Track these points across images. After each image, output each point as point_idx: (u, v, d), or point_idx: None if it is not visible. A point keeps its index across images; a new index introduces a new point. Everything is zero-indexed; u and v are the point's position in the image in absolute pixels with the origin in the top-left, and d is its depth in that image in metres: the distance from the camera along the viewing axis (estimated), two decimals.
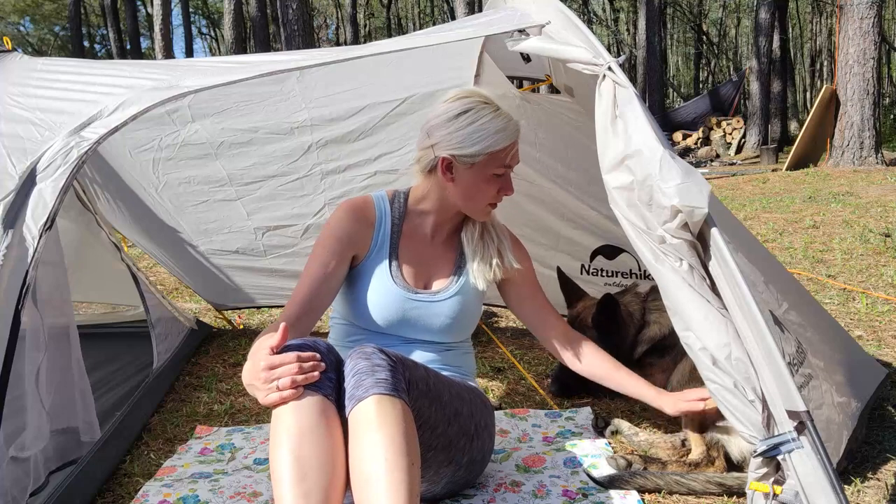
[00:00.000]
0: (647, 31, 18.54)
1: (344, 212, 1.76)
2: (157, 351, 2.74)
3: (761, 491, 1.37)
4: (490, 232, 1.87)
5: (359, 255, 1.76)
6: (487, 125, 1.64)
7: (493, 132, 1.65)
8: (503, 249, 1.85)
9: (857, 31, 9.92)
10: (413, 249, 1.80)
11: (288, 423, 1.34)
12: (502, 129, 1.66)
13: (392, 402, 1.37)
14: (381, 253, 1.76)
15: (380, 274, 1.74)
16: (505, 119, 1.67)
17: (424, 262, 1.80)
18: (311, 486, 1.30)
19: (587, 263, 3.11)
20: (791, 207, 6.94)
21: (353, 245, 1.74)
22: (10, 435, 1.60)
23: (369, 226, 1.77)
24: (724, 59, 36.92)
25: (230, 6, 14.39)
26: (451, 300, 1.78)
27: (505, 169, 1.70)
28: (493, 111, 1.66)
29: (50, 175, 1.53)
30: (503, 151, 1.67)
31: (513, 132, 1.68)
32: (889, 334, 3.04)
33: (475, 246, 1.83)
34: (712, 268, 1.44)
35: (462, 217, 1.85)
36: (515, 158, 1.72)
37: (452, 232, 1.86)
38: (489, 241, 1.85)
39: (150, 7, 21.67)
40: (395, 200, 1.83)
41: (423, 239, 1.82)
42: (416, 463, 1.35)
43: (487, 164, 1.67)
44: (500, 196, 1.76)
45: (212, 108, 2.69)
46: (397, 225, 1.80)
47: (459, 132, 1.65)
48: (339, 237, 1.72)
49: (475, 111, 1.65)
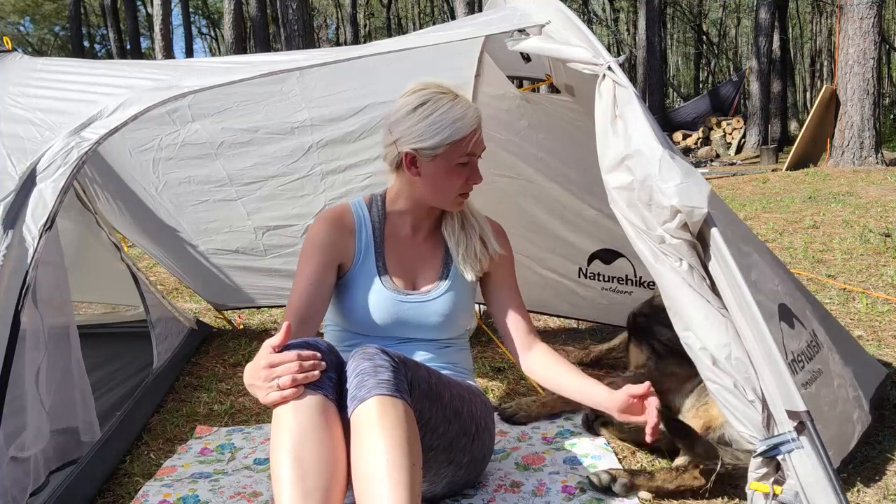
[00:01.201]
0: (647, 31, 18.53)
1: (322, 222, 1.76)
2: (157, 351, 2.74)
3: (761, 491, 1.37)
4: (470, 220, 1.84)
5: (345, 263, 1.76)
6: (445, 115, 1.62)
7: (451, 122, 1.62)
8: (486, 236, 1.84)
9: (857, 31, 9.92)
10: (398, 251, 1.79)
11: (288, 423, 1.34)
12: (461, 118, 1.63)
13: (394, 402, 1.37)
14: (367, 259, 1.76)
15: (369, 280, 1.74)
16: (463, 107, 1.64)
17: (411, 262, 1.80)
18: (311, 486, 1.30)
19: (584, 267, 3.11)
20: (791, 207, 6.94)
21: (337, 253, 1.74)
22: (10, 435, 1.60)
23: (349, 233, 1.77)
24: (724, 59, 36.93)
25: (230, 6, 14.38)
26: (442, 297, 1.77)
27: (469, 157, 1.67)
28: (450, 100, 1.64)
29: (50, 175, 1.53)
30: (464, 140, 1.64)
31: (473, 120, 1.65)
32: (889, 334, 3.04)
33: (458, 238, 1.81)
34: (712, 268, 1.44)
35: (440, 211, 1.83)
36: (479, 146, 1.69)
37: (434, 228, 1.84)
38: (471, 230, 1.83)
39: (150, 7, 21.68)
40: (372, 205, 1.82)
41: (406, 239, 1.81)
42: (417, 464, 1.35)
43: (450, 155, 1.65)
44: (469, 185, 1.72)
45: (212, 108, 2.69)
46: (378, 229, 1.79)
47: (419, 125, 1.63)
48: (320, 246, 1.72)
49: (432, 102, 1.63)
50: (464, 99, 1.67)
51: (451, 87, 1.68)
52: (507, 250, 1.89)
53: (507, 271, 1.89)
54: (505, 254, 1.87)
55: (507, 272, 1.88)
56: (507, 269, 1.89)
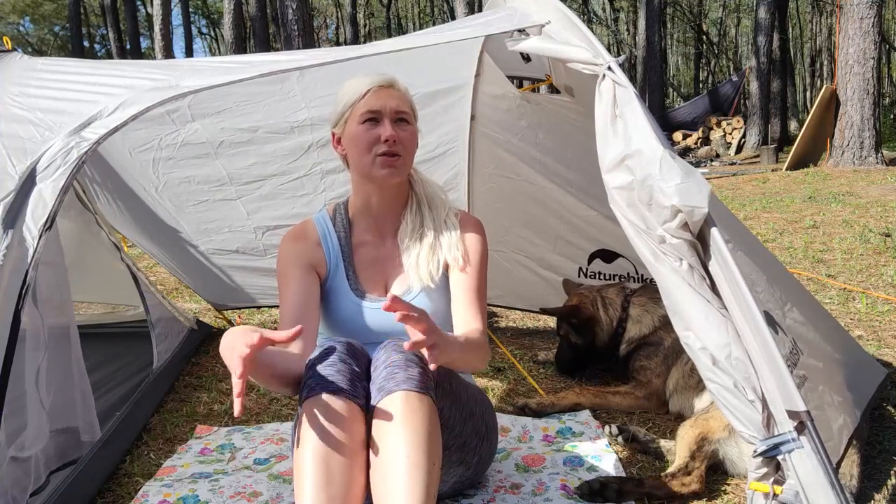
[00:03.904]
0: (647, 30, 18.53)
1: (286, 241, 1.78)
2: (157, 351, 2.74)
3: (761, 491, 1.37)
4: (427, 223, 1.76)
5: (321, 273, 1.75)
6: (345, 86, 1.70)
7: (348, 89, 1.69)
8: (439, 242, 1.75)
9: (857, 31, 9.91)
10: (368, 257, 1.78)
11: (319, 427, 1.35)
12: (356, 84, 1.68)
13: (421, 399, 1.38)
14: (338, 270, 1.76)
15: (342, 291, 1.74)
16: (362, 75, 1.70)
17: (382, 267, 1.78)
18: (334, 493, 1.31)
19: (585, 266, 3.11)
20: (791, 207, 6.94)
21: (311, 264, 1.74)
22: (10, 435, 1.60)
23: (316, 244, 1.77)
24: (724, 59, 36.91)
25: (230, 6, 14.36)
26: (416, 300, 1.71)
27: (372, 113, 1.65)
28: (352, 78, 1.70)
29: (50, 175, 1.53)
30: (361, 97, 1.66)
31: (367, 80, 1.68)
32: (889, 334, 3.04)
33: (407, 245, 1.75)
34: (712, 268, 1.44)
35: (400, 210, 1.78)
36: (380, 101, 1.66)
37: (398, 226, 1.79)
38: (422, 236, 1.75)
39: (150, 7, 21.67)
40: (336, 214, 1.82)
41: (373, 244, 1.79)
42: (437, 464, 1.37)
43: (353, 115, 1.67)
44: (387, 146, 1.65)
45: (212, 107, 2.69)
46: (344, 237, 1.78)
47: (334, 109, 1.72)
48: (293, 262, 1.73)
49: (341, 88, 1.71)
50: (371, 72, 1.71)
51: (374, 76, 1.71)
52: (476, 249, 1.77)
53: (465, 274, 1.74)
54: (467, 255, 1.75)
55: (463, 276, 1.74)
56: (468, 271, 1.74)
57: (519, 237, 3.15)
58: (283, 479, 1.93)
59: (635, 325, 2.56)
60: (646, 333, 2.53)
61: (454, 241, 1.75)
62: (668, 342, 2.43)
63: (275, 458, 2.08)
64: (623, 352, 2.58)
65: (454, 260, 1.73)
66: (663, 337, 2.46)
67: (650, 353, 2.46)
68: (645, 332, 2.53)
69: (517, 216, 3.11)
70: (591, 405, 2.37)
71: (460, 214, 1.82)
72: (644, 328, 2.54)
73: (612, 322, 2.60)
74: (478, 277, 1.75)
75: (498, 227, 3.03)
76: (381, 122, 1.66)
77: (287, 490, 1.86)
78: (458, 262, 1.73)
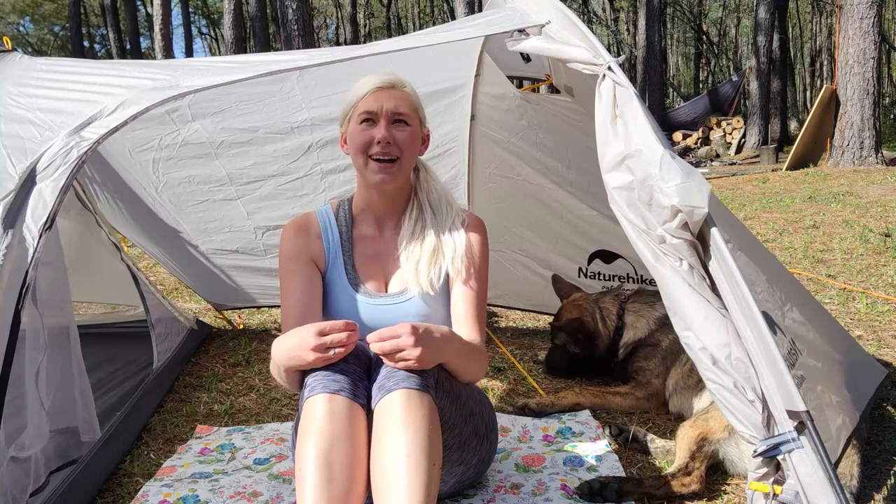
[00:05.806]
0: (647, 30, 18.52)
1: (287, 232, 1.78)
2: (157, 351, 2.74)
3: (761, 491, 1.37)
4: (427, 228, 1.75)
5: (320, 266, 1.76)
6: (352, 86, 1.72)
7: (353, 89, 1.71)
8: (442, 251, 1.73)
9: (857, 31, 9.91)
10: (368, 252, 1.78)
11: (321, 426, 1.36)
12: (361, 82, 1.71)
13: (420, 398, 1.38)
14: (336, 263, 1.76)
15: (341, 285, 1.74)
16: (370, 76, 1.71)
17: (383, 263, 1.78)
18: (336, 492, 1.32)
19: (585, 266, 3.11)
20: (791, 207, 6.93)
21: (310, 256, 1.75)
22: (10, 435, 1.60)
23: (316, 237, 1.77)
24: (724, 59, 36.91)
25: (230, 6, 14.36)
26: (415, 298, 1.72)
27: (369, 114, 1.67)
28: (362, 77, 1.72)
29: (50, 175, 1.53)
30: (362, 98, 1.68)
31: (372, 80, 1.70)
32: (889, 334, 3.04)
33: (406, 247, 1.74)
34: (712, 268, 1.44)
35: (403, 207, 1.79)
36: (378, 102, 1.67)
37: (398, 226, 1.79)
38: (428, 236, 1.74)
39: (150, 7, 21.69)
40: (339, 210, 1.83)
41: (374, 239, 1.79)
42: (437, 464, 1.37)
43: (354, 115, 1.70)
44: (380, 147, 1.65)
45: (212, 107, 2.69)
46: (346, 232, 1.79)
47: (342, 109, 1.75)
48: (292, 257, 1.74)
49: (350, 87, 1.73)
50: (377, 74, 1.72)
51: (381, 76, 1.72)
52: (478, 256, 1.75)
53: (467, 287, 1.72)
54: (471, 267, 1.73)
55: (465, 288, 1.72)
56: (471, 284, 1.73)
57: (519, 237, 3.15)
58: (283, 479, 1.93)
59: (630, 330, 2.58)
60: (641, 337, 2.54)
61: (459, 251, 1.73)
62: (665, 343, 2.45)
63: (275, 458, 2.08)
64: (621, 356, 2.58)
65: (457, 272, 1.73)
66: (660, 338, 2.48)
67: (648, 354, 2.48)
68: (641, 336, 2.54)
69: (517, 216, 3.11)
70: (591, 405, 2.37)
71: (466, 219, 1.79)
72: (640, 332, 2.55)
73: (610, 333, 2.61)
74: (479, 290, 1.75)
75: (498, 227, 3.03)
76: (376, 123, 1.67)
77: (287, 490, 1.86)
78: (460, 275, 1.73)
